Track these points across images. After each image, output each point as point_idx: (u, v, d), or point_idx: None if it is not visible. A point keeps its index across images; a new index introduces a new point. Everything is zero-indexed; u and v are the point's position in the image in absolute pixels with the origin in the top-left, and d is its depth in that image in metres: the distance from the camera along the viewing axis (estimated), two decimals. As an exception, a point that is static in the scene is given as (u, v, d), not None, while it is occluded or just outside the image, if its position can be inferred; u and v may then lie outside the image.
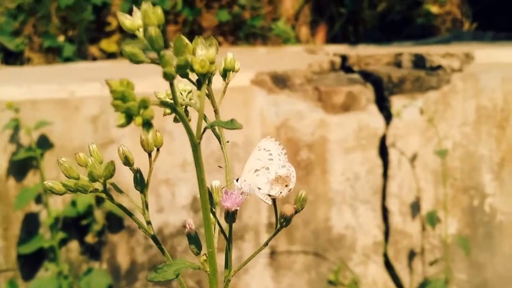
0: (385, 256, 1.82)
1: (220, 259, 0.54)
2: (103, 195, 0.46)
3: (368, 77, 1.83)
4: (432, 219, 1.74)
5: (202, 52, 0.40)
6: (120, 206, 0.49)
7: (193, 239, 0.52)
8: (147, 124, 0.35)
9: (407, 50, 2.01)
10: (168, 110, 0.50)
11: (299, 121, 1.70)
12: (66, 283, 1.63)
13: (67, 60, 2.70)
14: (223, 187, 0.53)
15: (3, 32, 2.77)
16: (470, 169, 1.81)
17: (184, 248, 1.69)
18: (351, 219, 1.77)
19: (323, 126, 1.71)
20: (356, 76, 1.88)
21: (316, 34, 3.11)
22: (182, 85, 0.53)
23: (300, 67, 1.81)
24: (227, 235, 0.50)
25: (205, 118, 0.52)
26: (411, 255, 1.82)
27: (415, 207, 1.80)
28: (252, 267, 1.73)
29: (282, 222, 0.51)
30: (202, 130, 0.41)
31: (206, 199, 0.44)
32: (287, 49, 2.75)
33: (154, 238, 0.50)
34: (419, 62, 1.88)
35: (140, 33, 0.39)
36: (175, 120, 0.52)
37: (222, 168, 0.54)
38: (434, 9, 2.87)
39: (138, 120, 0.35)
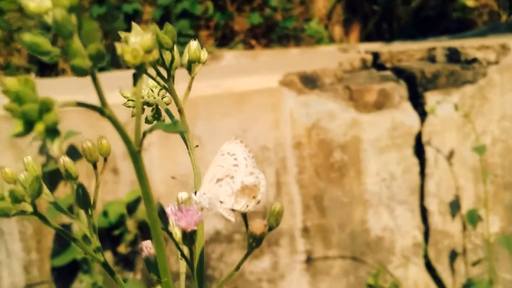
0: (426, 257, 1.76)
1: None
2: (32, 217, 0.40)
3: (400, 73, 1.78)
4: (473, 218, 1.68)
5: (136, 39, 0.32)
6: (60, 230, 0.42)
7: (152, 265, 0.45)
8: (51, 132, 0.28)
9: (440, 44, 1.95)
10: (135, 110, 0.46)
11: (331, 122, 1.66)
12: (100, 294, 1.61)
13: (101, 69, 2.70)
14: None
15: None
16: (511, 164, 1.74)
17: (218, 255, 1.66)
18: (388, 220, 1.72)
19: (356, 126, 1.67)
20: (388, 73, 1.83)
21: (349, 33, 3.07)
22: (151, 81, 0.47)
23: (330, 66, 1.77)
24: (188, 260, 0.42)
25: (172, 117, 0.47)
26: (453, 255, 1.76)
27: (455, 206, 1.74)
28: (288, 273, 1.70)
29: (252, 242, 0.42)
30: (141, 135, 0.33)
31: (155, 219, 0.36)
32: (320, 49, 2.71)
33: (104, 265, 0.44)
34: (453, 56, 1.82)
35: (49, 18, 0.31)
36: (146, 120, 0.48)
37: (175, 178, 0.47)
38: (470, 2, 2.80)
39: (40, 126, 0.28)
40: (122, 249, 1.64)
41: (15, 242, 1.65)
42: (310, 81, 1.67)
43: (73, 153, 1.59)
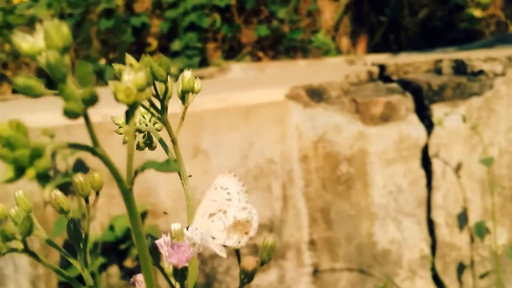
0: (433, 270, 1.75)
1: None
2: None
3: (407, 86, 1.78)
4: (481, 230, 1.68)
5: (129, 77, 0.32)
6: (52, 267, 0.42)
7: None
8: (42, 178, 0.28)
9: (447, 56, 1.95)
10: (126, 138, 0.46)
11: (337, 135, 1.66)
12: (107, 308, 1.61)
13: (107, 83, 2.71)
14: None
15: (45, 58, 2.80)
16: (518, 176, 1.74)
17: (224, 269, 1.66)
18: (395, 233, 1.72)
19: (362, 139, 1.67)
20: (394, 85, 1.83)
21: (357, 44, 3.07)
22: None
23: (337, 79, 1.77)
24: None
25: (165, 146, 0.47)
26: (461, 268, 1.75)
27: (463, 218, 1.73)
28: (295, 286, 1.69)
29: (243, 278, 0.42)
30: (133, 174, 0.33)
31: (146, 256, 0.36)
32: (327, 61, 2.71)
33: None
34: (459, 68, 1.82)
35: (42, 59, 0.30)
36: (138, 147, 0.48)
37: (167, 214, 0.46)
38: (477, 13, 2.80)
39: (31, 172, 0.27)
40: (129, 263, 1.64)
41: (22, 257, 1.66)
42: (316, 94, 1.68)
43: (80, 167, 1.60)
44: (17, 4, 2.87)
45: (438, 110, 1.68)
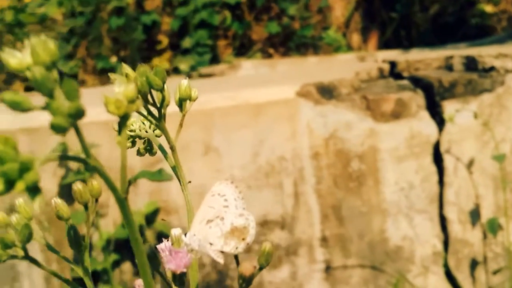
0: (446, 266, 1.75)
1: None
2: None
3: (418, 82, 1.77)
4: (493, 227, 1.67)
5: (120, 89, 0.32)
6: (51, 272, 0.42)
7: None
8: (31, 191, 0.28)
9: (458, 52, 1.95)
10: (129, 143, 0.47)
11: (348, 132, 1.66)
12: (120, 305, 1.62)
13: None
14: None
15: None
16: (530, 172, 1.73)
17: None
18: (407, 229, 1.72)
19: (373, 136, 1.67)
20: (405, 82, 1.83)
21: (368, 40, 3.06)
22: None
23: (347, 76, 1.77)
24: None
25: (165, 153, 0.47)
26: (473, 264, 1.75)
27: (475, 215, 1.73)
28: (307, 282, 1.70)
29: (242, 283, 0.42)
30: (127, 184, 0.33)
31: (144, 263, 0.36)
32: (338, 57, 2.71)
33: None
34: (470, 64, 1.81)
35: (30, 74, 0.30)
36: (138, 153, 0.49)
37: (164, 220, 0.46)
38: (489, 8, 2.79)
39: (20, 185, 0.28)
40: (142, 260, 1.65)
41: (36, 253, 1.67)
42: (327, 92, 1.68)
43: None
44: (28, 3, 2.89)
45: (449, 107, 1.68)
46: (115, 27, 2.82)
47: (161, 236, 1.66)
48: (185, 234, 0.45)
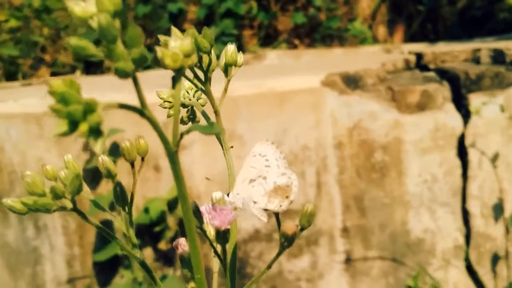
0: (467, 260, 1.74)
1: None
2: (74, 213, 0.41)
3: (444, 74, 1.76)
4: (517, 222, 1.66)
5: (176, 43, 0.32)
6: (99, 227, 0.43)
7: (186, 262, 0.45)
8: (94, 132, 0.29)
9: (485, 45, 1.93)
10: (171, 111, 0.47)
11: (373, 122, 1.65)
12: (140, 289, 1.63)
13: (147, 68, 2.73)
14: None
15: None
16: (556, 168, 1.71)
17: (257, 254, 1.67)
18: (429, 222, 1.71)
19: (398, 127, 1.66)
20: (431, 74, 1.82)
21: (394, 33, 3.04)
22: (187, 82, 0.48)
23: (373, 67, 1.76)
24: (222, 258, 0.42)
25: (208, 119, 0.47)
26: (495, 259, 1.74)
27: (498, 209, 1.72)
28: (328, 272, 1.70)
29: (283, 242, 0.42)
30: (178, 137, 0.34)
31: (190, 218, 0.37)
32: (363, 49, 2.69)
33: (142, 264, 0.45)
34: (498, 57, 1.80)
35: (94, 22, 0.31)
36: (182, 121, 0.49)
37: (210, 180, 0.47)
38: (517, 2, 2.76)
39: (84, 126, 0.28)
40: (163, 245, 1.66)
41: (58, 237, 1.68)
42: (352, 82, 1.67)
43: (115, 150, 1.61)
44: (56, -11, 2.90)
45: (475, 100, 1.67)
46: (142, 15, 2.83)
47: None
48: (228, 194, 0.46)
